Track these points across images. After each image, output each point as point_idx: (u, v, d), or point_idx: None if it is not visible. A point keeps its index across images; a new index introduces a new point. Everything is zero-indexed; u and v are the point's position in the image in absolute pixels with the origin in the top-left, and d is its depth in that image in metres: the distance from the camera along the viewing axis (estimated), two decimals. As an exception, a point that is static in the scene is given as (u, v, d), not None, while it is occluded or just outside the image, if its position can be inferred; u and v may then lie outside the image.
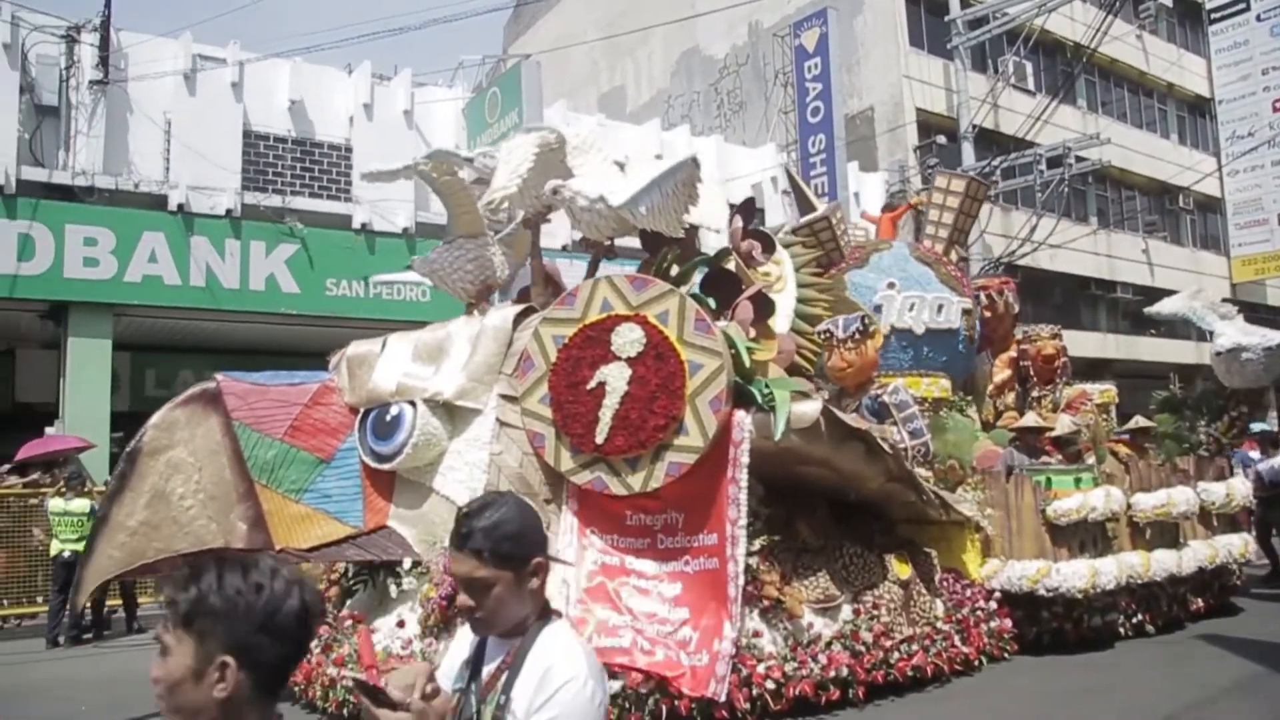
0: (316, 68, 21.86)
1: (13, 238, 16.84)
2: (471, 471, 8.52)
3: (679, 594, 8.24)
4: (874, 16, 28.78)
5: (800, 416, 8.09)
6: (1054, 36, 30.25)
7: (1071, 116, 30.52)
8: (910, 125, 28.37)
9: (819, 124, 26.69)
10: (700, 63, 32.78)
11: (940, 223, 14.06)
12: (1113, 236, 32.63)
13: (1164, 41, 35.61)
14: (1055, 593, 9.66)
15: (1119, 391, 28.00)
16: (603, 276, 8.60)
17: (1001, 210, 29.14)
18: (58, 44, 18.94)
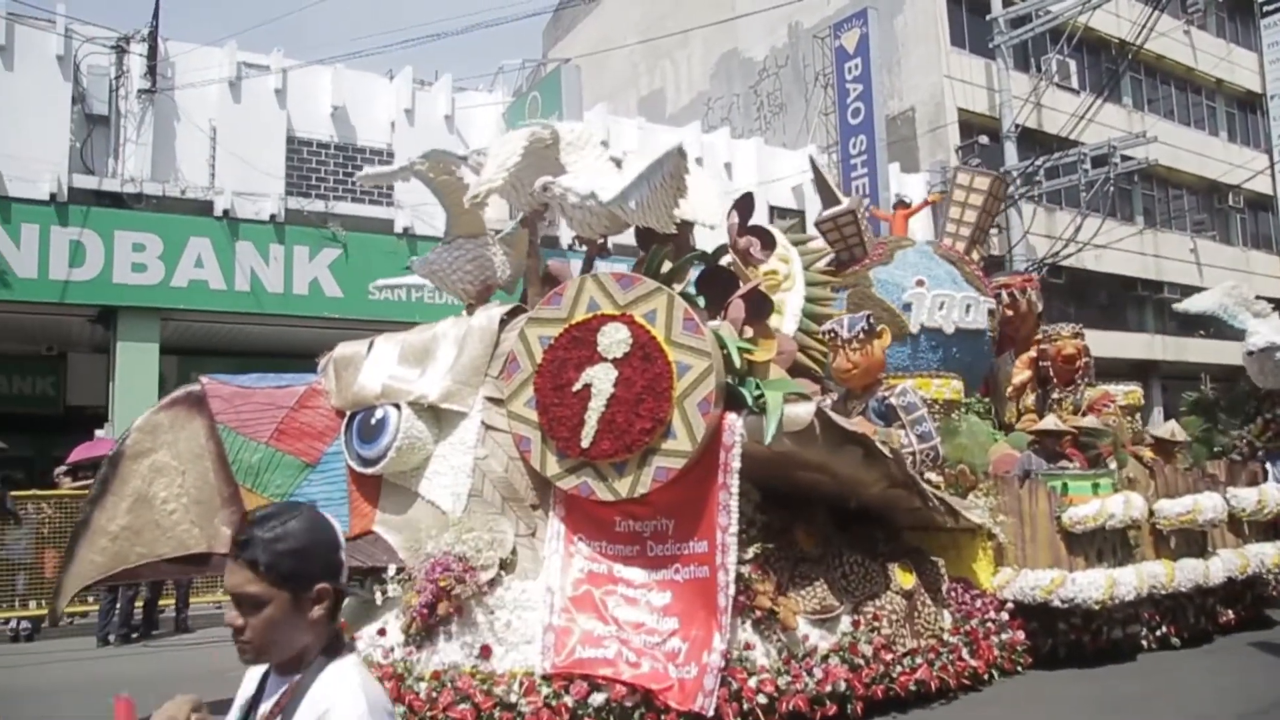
0: (358, 74, 21.75)
1: (64, 244, 16.82)
2: (456, 476, 8.10)
3: (668, 603, 7.76)
4: (914, 16, 28.04)
5: (793, 419, 7.57)
6: (1098, 34, 29.28)
7: (1117, 115, 29.58)
8: (952, 125, 27.63)
9: (860, 125, 26.10)
10: (740, 65, 32.14)
11: (962, 221, 13.42)
12: (1160, 236, 31.60)
13: (1213, 36, 34.38)
14: (1070, 604, 9.02)
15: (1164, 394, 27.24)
16: (589, 274, 8.15)
17: (1045, 210, 28.36)
18: (108, 54, 19.07)
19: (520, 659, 7.47)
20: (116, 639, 12.98)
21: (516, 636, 7.56)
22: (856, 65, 26.16)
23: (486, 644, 7.50)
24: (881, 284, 12.28)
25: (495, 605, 7.63)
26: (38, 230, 16.75)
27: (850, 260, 12.46)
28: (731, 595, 7.48)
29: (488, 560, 7.67)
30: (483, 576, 7.61)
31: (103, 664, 11.73)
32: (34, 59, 18.13)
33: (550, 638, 7.50)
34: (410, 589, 7.74)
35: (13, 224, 16.55)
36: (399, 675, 7.46)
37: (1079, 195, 27.31)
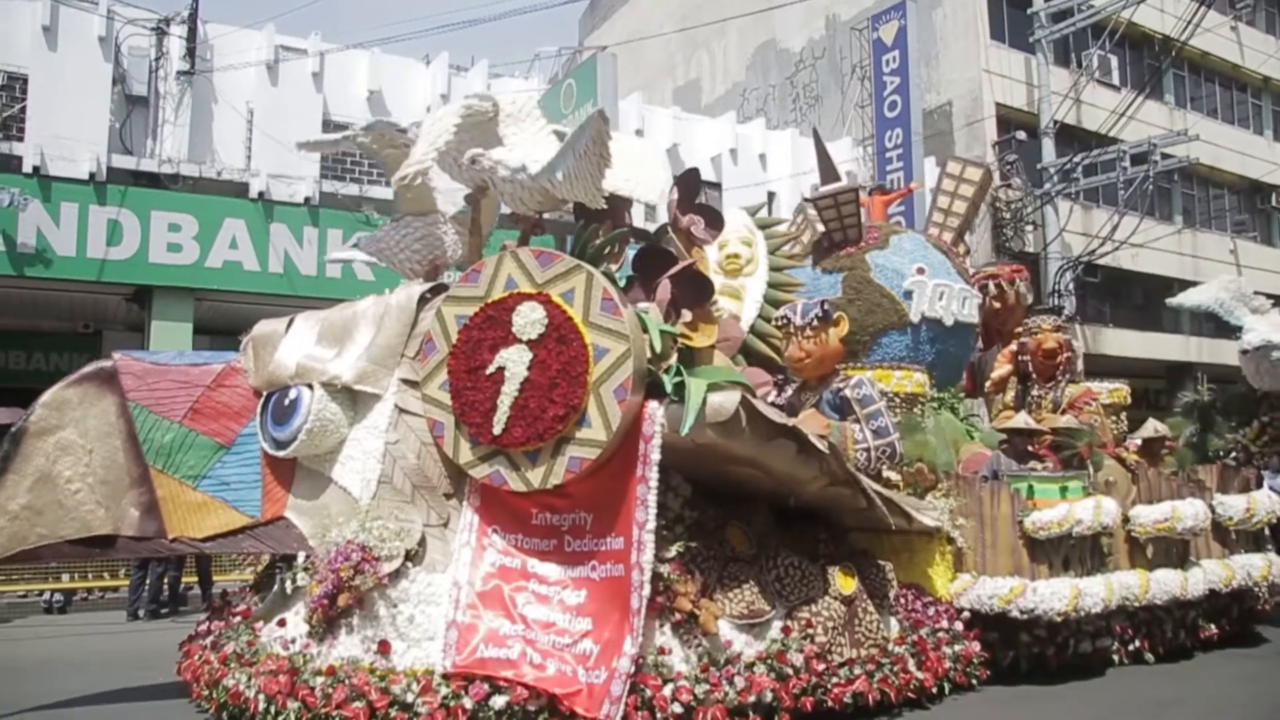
0: (394, 58, 21.25)
1: (102, 223, 16.48)
2: (367, 461, 7.34)
3: (583, 602, 6.98)
4: (954, 9, 26.78)
5: (715, 409, 6.73)
6: (1141, 29, 27.80)
7: (1158, 112, 28.09)
8: (989, 120, 26.38)
9: (896, 118, 25.04)
10: (777, 56, 30.94)
11: (951, 211, 12.41)
12: (1199, 236, 30.03)
13: (1261, 33, 32.39)
14: (1030, 615, 8.07)
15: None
16: (508, 250, 7.36)
17: (1082, 208, 27.06)
18: (148, 36, 18.83)
19: (422, 656, 6.75)
20: (146, 614, 13.15)
21: (419, 632, 6.84)
22: (894, 58, 25.11)
23: (385, 639, 6.78)
24: (880, 269, 11.31)
25: (399, 599, 6.90)
26: (76, 209, 16.39)
27: (845, 242, 11.47)
28: (646, 596, 6.67)
29: (392, 550, 6.93)
30: (385, 568, 6.88)
31: (132, 638, 11.75)
32: (76, 40, 17.86)
33: (453, 635, 6.77)
34: (314, 579, 7.05)
35: (53, 202, 16.20)
36: (294, 669, 6.76)
37: (1117, 193, 25.98)
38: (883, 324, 11.12)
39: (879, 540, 8.23)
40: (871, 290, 11.14)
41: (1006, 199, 26.43)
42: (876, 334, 11.13)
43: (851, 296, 11.09)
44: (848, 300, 11.04)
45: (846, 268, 11.33)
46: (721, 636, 7.01)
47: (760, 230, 10.01)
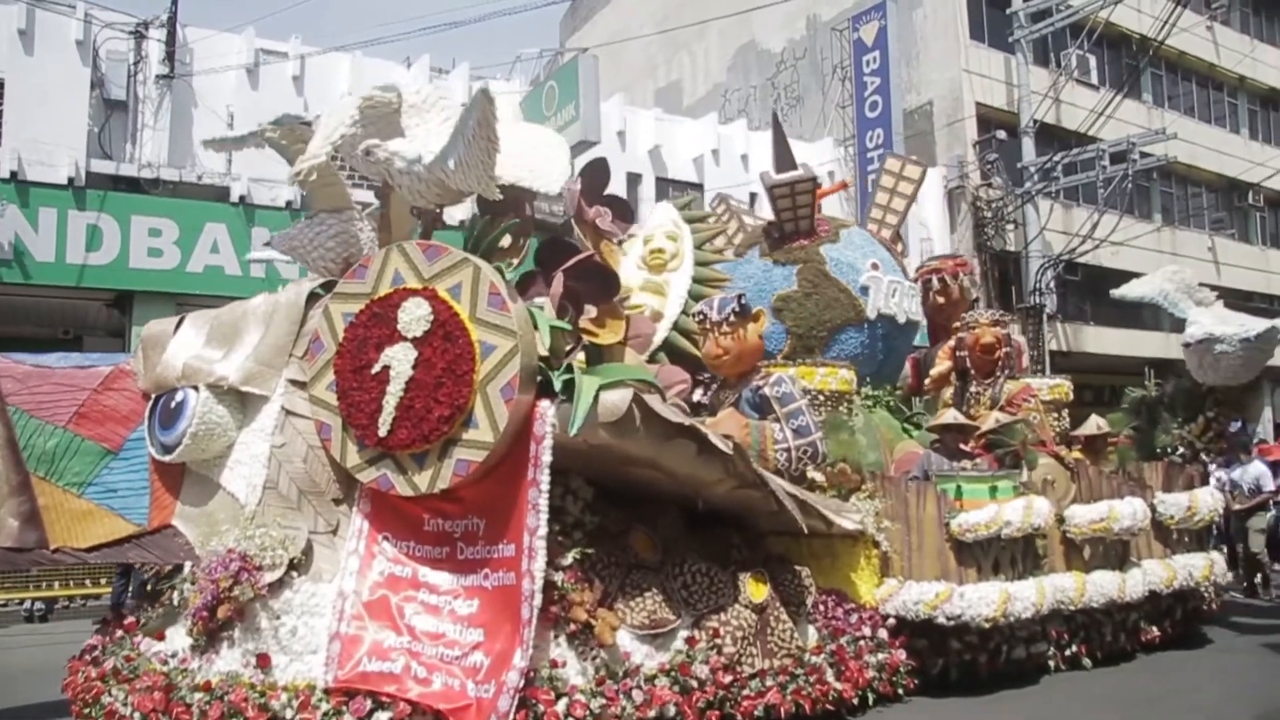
0: (376, 61, 20.71)
1: (82, 228, 15.93)
2: (254, 465, 6.79)
3: (474, 613, 6.41)
4: (933, 9, 26.10)
5: (607, 408, 6.16)
6: (1119, 29, 27.07)
7: (1136, 111, 27.36)
8: (970, 120, 25.69)
9: (877, 118, 24.42)
10: (757, 57, 30.21)
11: (890, 208, 11.77)
12: (1178, 234, 29.23)
13: (1236, 32, 31.56)
14: (957, 621, 7.48)
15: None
16: (395, 244, 6.80)
17: (1062, 207, 26.37)
18: (127, 40, 18.29)
19: (304, 670, 6.20)
20: None
21: (302, 645, 6.28)
22: (874, 58, 24.49)
23: (265, 652, 6.23)
24: (835, 263, 10.69)
25: (281, 610, 6.34)
26: (55, 214, 15.85)
27: (795, 233, 10.82)
28: (538, 606, 6.11)
29: (275, 559, 6.37)
30: (266, 577, 6.32)
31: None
32: (54, 44, 17.32)
33: (336, 648, 6.21)
34: (194, 589, 6.51)
35: (31, 208, 15.66)
36: (170, 685, 6.22)
37: (1097, 192, 25.33)
38: (840, 320, 10.51)
39: (798, 545, 7.61)
40: (829, 285, 10.53)
41: (988, 198, 25.81)
42: (834, 330, 10.52)
43: (808, 290, 10.47)
44: (804, 294, 10.44)
45: (801, 260, 10.68)
46: (621, 648, 6.46)
47: (688, 224, 9.42)
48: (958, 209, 25.95)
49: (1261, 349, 9.47)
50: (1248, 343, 9.37)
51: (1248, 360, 9.53)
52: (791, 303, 10.44)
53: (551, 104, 21.01)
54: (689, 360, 8.59)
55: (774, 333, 10.34)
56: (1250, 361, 9.57)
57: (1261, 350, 9.49)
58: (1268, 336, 9.34)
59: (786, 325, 10.45)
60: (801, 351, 10.32)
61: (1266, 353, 9.60)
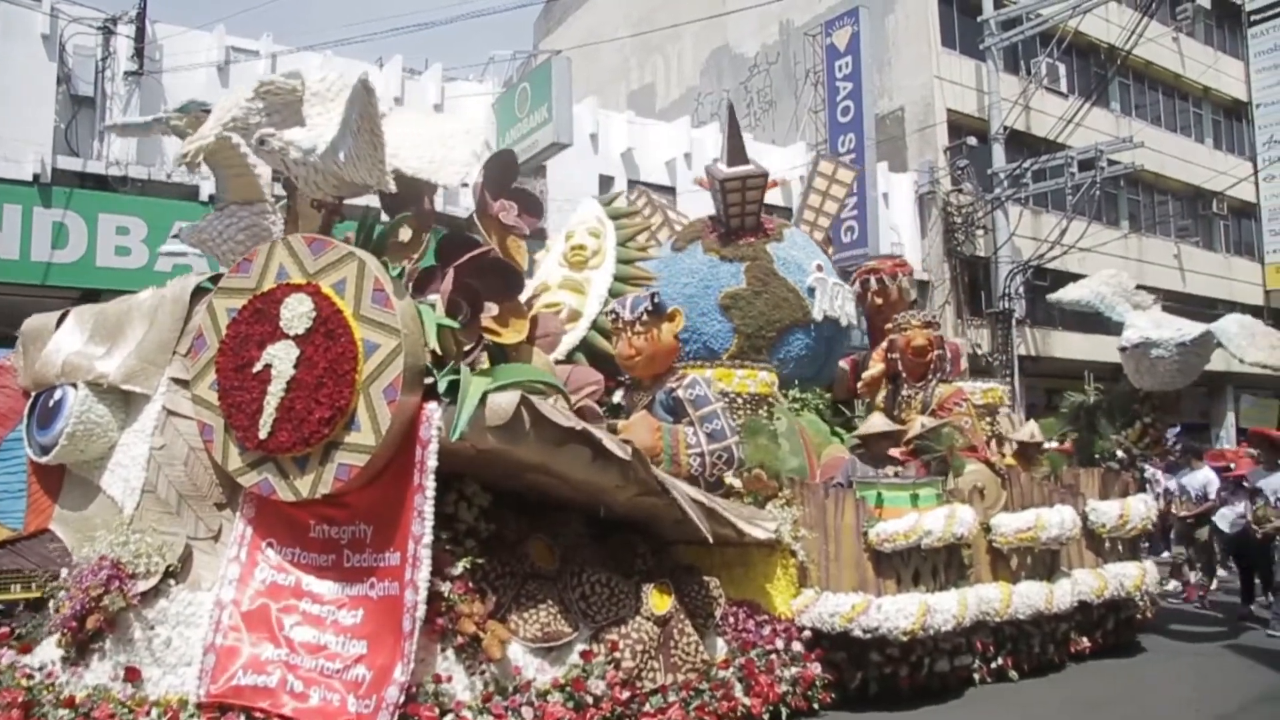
0: (347, 61, 19.91)
1: (47, 226, 15.35)
2: (134, 468, 6.30)
3: (359, 623, 5.93)
4: (906, 16, 25.66)
5: (493, 411, 5.70)
6: (1088, 38, 26.67)
7: (1104, 119, 26.96)
8: (941, 126, 25.24)
9: (849, 123, 23.88)
10: (731, 61, 29.68)
11: (822, 211, 11.30)
12: (1144, 241, 28.82)
13: (1201, 44, 31.19)
14: (874, 634, 7.02)
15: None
16: (282, 238, 6.34)
17: (1032, 213, 25.92)
18: (94, 35, 17.62)
19: (177, 684, 5.74)
20: None
21: (176, 657, 5.82)
22: (847, 63, 23.94)
23: (134, 665, 5.76)
24: (782, 262, 10.20)
25: (156, 620, 5.86)
26: (20, 211, 15.27)
27: (741, 230, 10.29)
28: (421, 617, 5.64)
29: (150, 567, 5.89)
30: (140, 586, 5.84)
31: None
32: (19, 38, 16.70)
33: (210, 660, 5.74)
34: (65, 598, 6.03)
35: None
36: (32, 701, 5.72)
37: (1065, 198, 24.85)
38: (789, 320, 10.00)
39: (709, 554, 7.10)
40: (777, 283, 10.03)
41: (958, 204, 25.40)
42: (783, 330, 10.00)
43: (758, 289, 9.94)
44: (753, 292, 9.91)
45: (749, 257, 10.15)
46: (512, 662, 6.00)
47: (612, 221, 8.94)
48: (928, 214, 25.53)
49: (1198, 354, 9.03)
50: (1184, 347, 8.93)
51: (1184, 365, 9.08)
52: (740, 301, 9.91)
53: (524, 106, 20.50)
54: (608, 361, 8.12)
55: (721, 331, 9.88)
56: (1187, 366, 9.12)
57: (1198, 355, 9.05)
58: (1203, 341, 8.90)
59: (735, 324, 9.89)
60: (749, 351, 9.83)
61: (1203, 357, 9.15)
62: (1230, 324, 8.72)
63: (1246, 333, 8.57)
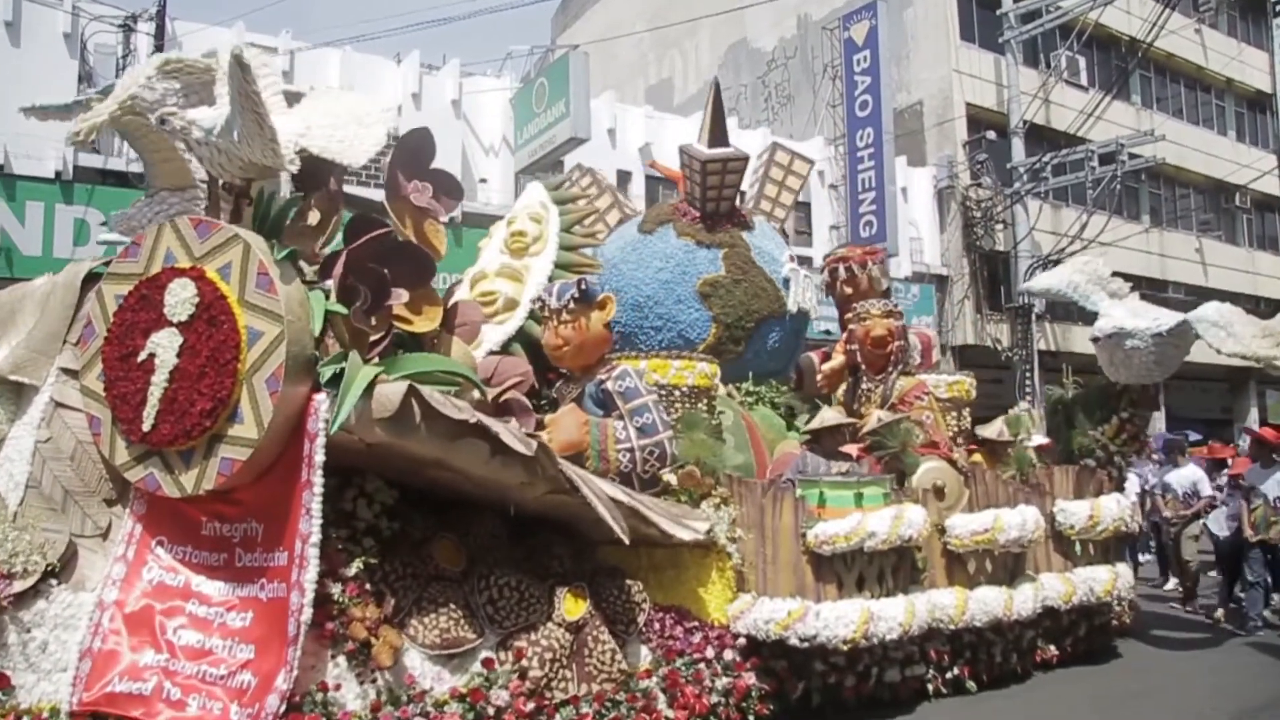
0: (366, 57, 19.74)
1: (69, 222, 15.32)
2: (20, 462, 5.81)
3: (248, 626, 5.39)
4: (924, 9, 24.80)
5: (379, 403, 5.14)
6: (1108, 31, 25.64)
7: (1125, 112, 25.92)
8: (959, 120, 24.42)
9: (867, 118, 23.13)
10: (748, 55, 28.89)
11: (779, 201, 10.60)
12: (1166, 235, 27.72)
13: (1224, 35, 29.97)
14: (811, 642, 6.37)
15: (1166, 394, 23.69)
16: (170, 220, 5.80)
17: (1051, 207, 25.02)
18: (115, 33, 17.38)
19: (51, 691, 5.24)
20: None
21: (52, 662, 5.30)
22: (865, 58, 23.20)
23: (3, 671, 5.25)
24: (758, 251, 9.58)
25: (32, 623, 5.34)
26: (42, 208, 15.21)
27: (715, 214, 9.62)
28: (306, 621, 5.08)
29: (29, 566, 5.39)
30: (15, 586, 5.34)
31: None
32: (41, 36, 16.50)
33: (86, 666, 5.24)
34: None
35: (18, 201, 15.00)
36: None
37: (1085, 192, 23.92)
38: (766, 311, 9.43)
39: (636, 556, 6.42)
40: (755, 272, 9.42)
41: (977, 198, 24.56)
42: (760, 321, 9.43)
43: (737, 277, 9.34)
44: (733, 280, 9.30)
45: (726, 243, 9.52)
46: (409, 669, 5.44)
47: (557, 206, 8.33)
48: (947, 209, 24.73)
49: (1176, 345, 8.22)
50: (1160, 338, 8.13)
51: (1161, 357, 8.26)
52: (720, 289, 9.29)
53: (542, 101, 20.10)
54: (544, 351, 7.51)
55: (698, 320, 9.27)
56: (1164, 358, 8.30)
57: (1176, 346, 8.24)
58: (1180, 332, 8.09)
59: (714, 312, 9.28)
60: (727, 343, 9.22)
61: (1182, 349, 8.34)
62: (1209, 312, 7.91)
63: (1225, 322, 7.76)
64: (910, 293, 23.65)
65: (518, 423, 6.36)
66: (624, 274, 9.27)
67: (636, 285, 9.26)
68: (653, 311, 9.28)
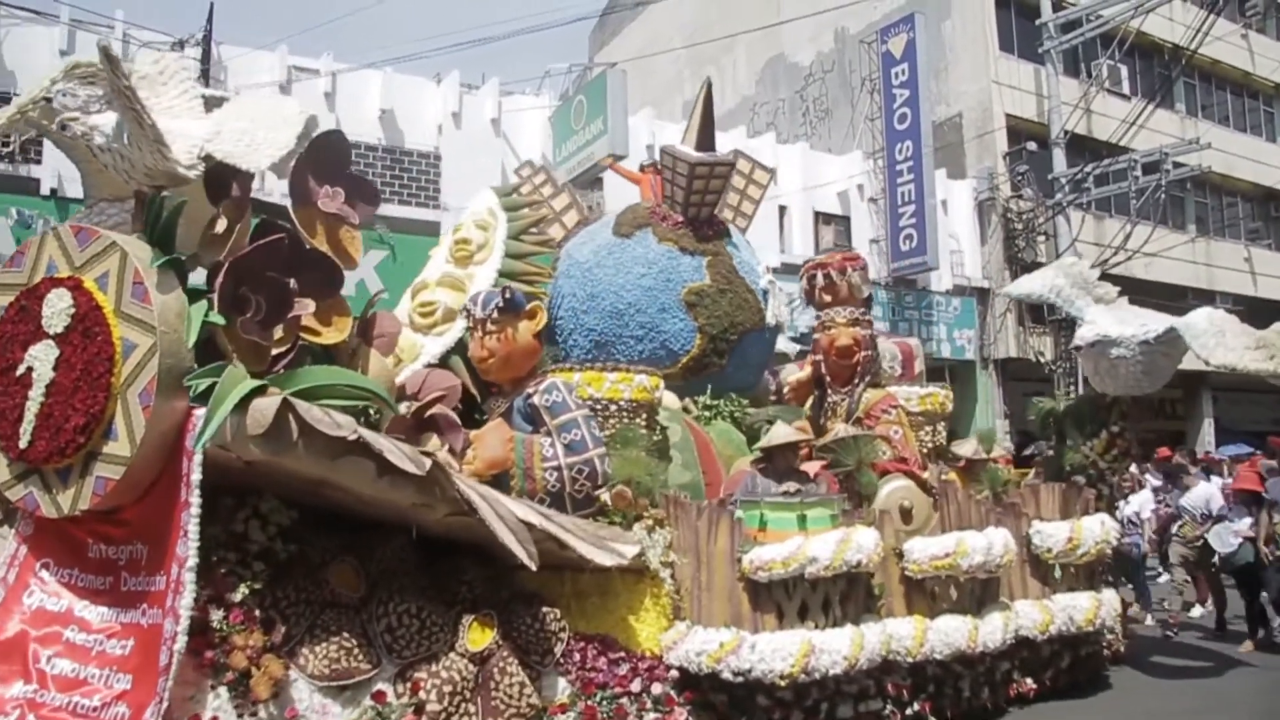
0: (406, 77, 19.40)
1: None
2: (-94, 480, 5.41)
3: (127, 655, 4.93)
4: (963, 21, 23.83)
5: (252, 419, 4.64)
6: (1151, 38, 24.35)
7: (1169, 121, 24.65)
8: (999, 132, 23.38)
9: (906, 131, 22.21)
10: (786, 70, 27.95)
11: (740, 210, 9.88)
12: (1212, 244, 26.26)
13: (1271, 40, 28.30)
14: (746, 676, 5.71)
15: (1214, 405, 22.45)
16: (52, 229, 5.38)
17: (1094, 218, 23.84)
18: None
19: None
20: None
21: (-82, 695, 4.90)
22: (903, 70, 22.30)
23: None
24: (740, 262, 8.96)
25: (-90, 650, 4.98)
26: None
27: (696, 219, 8.94)
28: (179, 650, 4.61)
29: (-90, 587, 5.03)
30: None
31: None
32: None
33: (-52, 700, 4.83)
34: None
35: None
36: None
37: (1129, 202, 22.77)
38: (749, 323, 8.76)
39: (558, 581, 5.80)
40: (738, 282, 8.77)
41: (1018, 210, 23.52)
42: (743, 333, 8.76)
43: (722, 286, 8.68)
44: (718, 290, 8.64)
45: (710, 252, 8.86)
46: (296, 701, 4.92)
47: (508, 212, 7.76)
48: (988, 221, 23.71)
49: (1166, 353, 7.36)
50: (1148, 346, 7.28)
51: (1150, 366, 7.41)
52: (705, 298, 8.61)
53: (580, 118, 19.72)
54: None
55: (683, 330, 8.63)
56: (1153, 368, 7.44)
57: (1166, 355, 7.38)
58: (1169, 339, 7.23)
59: (699, 323, 8.60)
60: (711, 355, 8.57)
61: (1173, 358, 7.48)
62: (1199, 319, 7.04)
63: (1216, 330, 6.89)
64: (951, 306, 22.73)
65: (442, 439, 5.85)
66: (601, 279, 8.60)
67: (616, 291, 8.60)
68: (634, 320, 8.62)
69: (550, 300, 8.41)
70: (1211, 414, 25.17)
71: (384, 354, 5.91)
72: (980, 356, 23.15)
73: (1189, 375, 24.47)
